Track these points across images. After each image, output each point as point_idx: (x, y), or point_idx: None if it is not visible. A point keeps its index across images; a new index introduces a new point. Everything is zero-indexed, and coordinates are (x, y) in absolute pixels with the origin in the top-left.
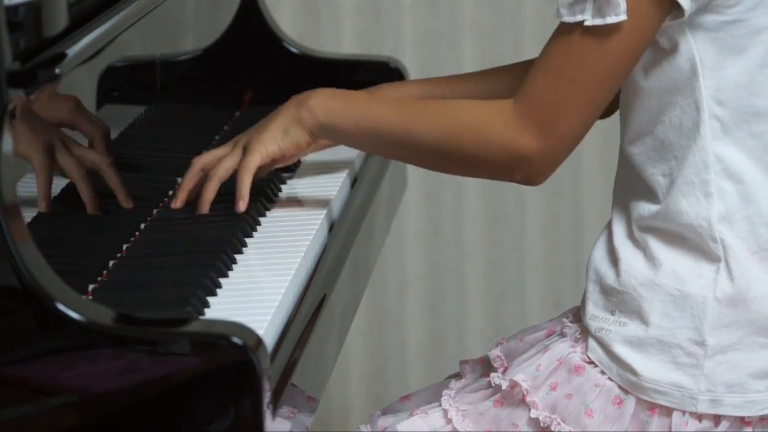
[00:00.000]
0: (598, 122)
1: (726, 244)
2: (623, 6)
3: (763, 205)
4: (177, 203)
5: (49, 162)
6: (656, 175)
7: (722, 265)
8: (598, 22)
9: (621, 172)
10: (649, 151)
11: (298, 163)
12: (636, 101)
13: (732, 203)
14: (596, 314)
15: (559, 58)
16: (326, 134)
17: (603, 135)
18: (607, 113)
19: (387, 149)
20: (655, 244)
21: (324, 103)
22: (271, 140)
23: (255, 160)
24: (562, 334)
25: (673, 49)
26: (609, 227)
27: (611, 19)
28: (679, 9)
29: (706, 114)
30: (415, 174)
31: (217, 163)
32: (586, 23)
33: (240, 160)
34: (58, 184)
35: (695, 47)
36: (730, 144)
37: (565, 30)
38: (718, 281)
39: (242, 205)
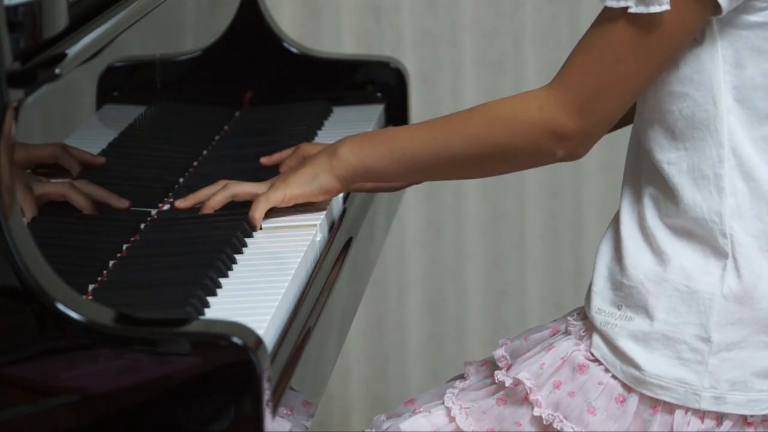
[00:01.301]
0: None
1: (735, 240)
2: None
3: None
4: (182, 204)
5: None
6: (663, 163)
7: (730, 261)
8: (642, 10)
9: (631, 158)
10: (659, 137)
11: None
12: (650, 86)
13: (743, 200)
14: (603, 308)
15: (600, 42)
16: (362, 176)
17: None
18: (624, 122)
19: (426, 171)
20: (663, 238)
21: (353, 148)
22: (297, 184)
23: (276, 197)
24: (567, 332)
25: (698, 40)
26: (617, 219)
27: (654, 9)
28: (717, 7)
29: (724, 109)
30: None
31: (250, 197)
32: (630, 10)
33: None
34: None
35: (720, 42)
36: (745, 142)
37: (607, 15)
38: (725, 278)
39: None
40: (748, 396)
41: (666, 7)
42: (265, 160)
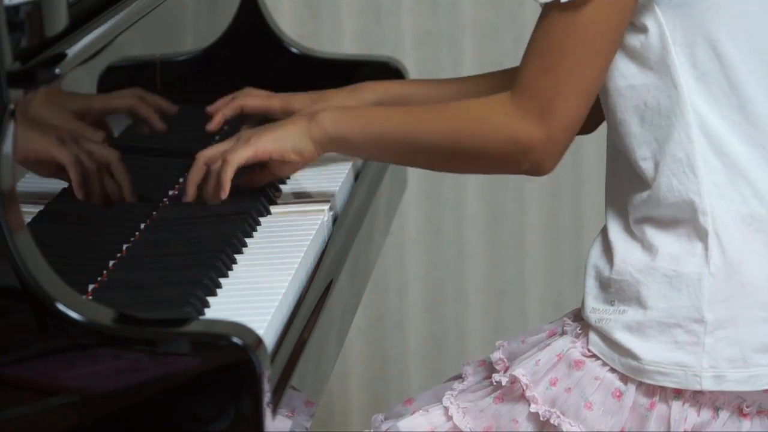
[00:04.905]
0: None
1: (717, 217)
2: None
3: (751, 176)
4: (188, 198)
5: (71, 154)
6: (641, 159)
7: (713, 238)
8: None
9: (610, 167)
10: (630, 135)
11: None
12: (612, 85)
13: (719, 176)
14: (596, 307)
15: (543, 40)
16: (335, 145)
17: (602, 135)
18: (589, 128)
19: (393, 154)
20: (651, 233)
21: (332, 116)
22: (273, 140)
23: (247, 152)
24: (563, 333)
25: (643, 29)
26: (605, 229)
27: None
28: None
29: (684, 91)
30: (415, 174)
31: (220, 156)
32: (562, 0)
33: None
34: (59, 184)
35: (665, 24)
36: (712, 117)
37: (544, 12)
38: (710, 257)
39: (222, 195)
40: (749, 372)
41: None
42: (211, 126)
